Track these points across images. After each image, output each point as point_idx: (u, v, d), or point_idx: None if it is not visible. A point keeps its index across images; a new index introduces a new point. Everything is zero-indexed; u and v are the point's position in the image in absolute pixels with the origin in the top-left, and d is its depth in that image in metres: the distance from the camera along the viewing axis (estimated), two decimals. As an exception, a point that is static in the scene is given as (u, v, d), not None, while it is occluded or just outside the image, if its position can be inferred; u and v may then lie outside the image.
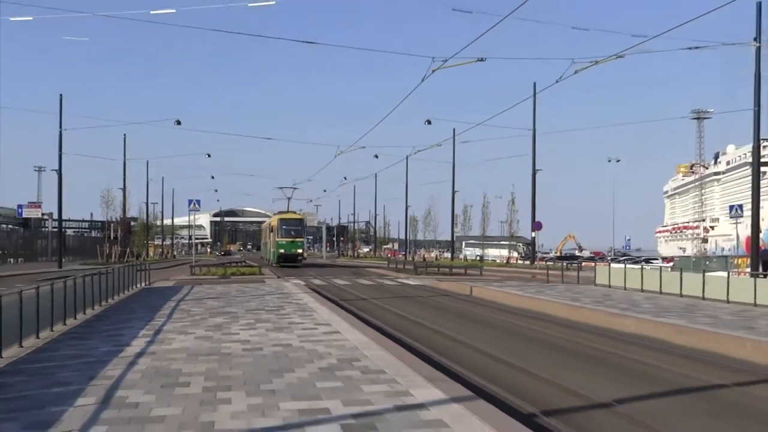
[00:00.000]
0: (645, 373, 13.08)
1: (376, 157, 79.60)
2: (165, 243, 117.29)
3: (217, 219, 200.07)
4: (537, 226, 59.64)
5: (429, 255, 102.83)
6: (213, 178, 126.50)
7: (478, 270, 51.19)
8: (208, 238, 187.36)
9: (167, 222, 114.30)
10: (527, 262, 67.33)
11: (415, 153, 68.69)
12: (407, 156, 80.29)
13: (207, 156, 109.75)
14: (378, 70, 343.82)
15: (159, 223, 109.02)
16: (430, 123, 56.31)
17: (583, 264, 51.80)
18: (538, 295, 27.45)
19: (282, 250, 59.84)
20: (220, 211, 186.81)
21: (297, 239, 61.07)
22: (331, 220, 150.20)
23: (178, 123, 55.20)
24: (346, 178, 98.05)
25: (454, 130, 66.35)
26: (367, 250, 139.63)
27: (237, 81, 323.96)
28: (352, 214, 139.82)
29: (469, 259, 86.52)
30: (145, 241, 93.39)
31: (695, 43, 27.02)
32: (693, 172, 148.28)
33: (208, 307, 21.34)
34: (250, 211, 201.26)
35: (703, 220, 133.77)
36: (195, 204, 47.36)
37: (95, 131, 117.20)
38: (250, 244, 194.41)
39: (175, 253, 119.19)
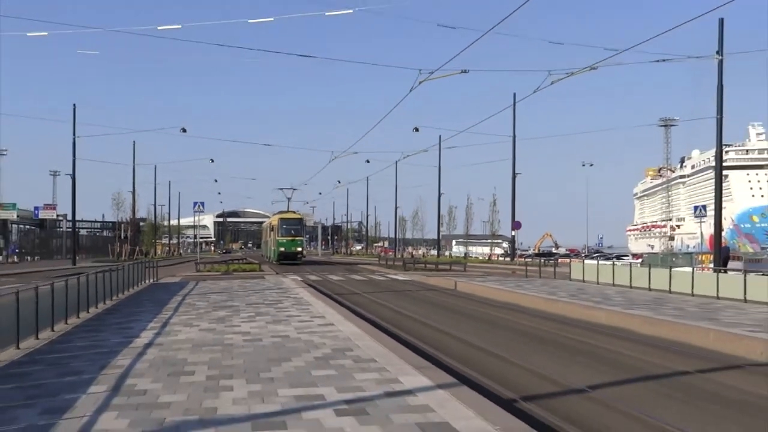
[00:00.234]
0: (616, 361, 13.13)
1: (368, 161, 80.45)
2: (172, 242, 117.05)
3: (220, 219, 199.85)
4: (516, 225, 59.80)
5: (417, 252, 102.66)
6: (216, 181, 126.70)
7: (462, 266, 51.24)
8: (211, 238, 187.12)
9: (174, 222, 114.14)
10: (508, 259, 67.36)
11: (404, 158, 69.22)
12: (397, 161, 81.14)
13: (211, 161, 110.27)
14: (369, 82, 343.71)
15: (166, 223, 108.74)
16: (417, 130, 56.37)
17: (559, 260, 51.91)
18: (518, 289, 27.48)
19: (282, 249, 58.46)
20: (223, 212, 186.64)
21: (297, 238, 59.72)
22: (326, 220, 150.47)
23: (184, 130, 55.35)
24: (340, 182, 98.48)
25: (440, 136, 66.86)
26: (360, 248, 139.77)
27: (238, 91, 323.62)
28: (346, 215, 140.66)
29: (454, 256, 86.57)
30: (153, 240, 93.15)
31: (663, 56, 27.03)
32: (661, 176, 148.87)
33: (211, 302, 21.31)
34: (250, 212, 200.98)
35: (670, 220, 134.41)
36: (199, 206, 47.26)
37: (106, 138, 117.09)
38: (251, 242, 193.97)
39: (181, 252, 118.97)
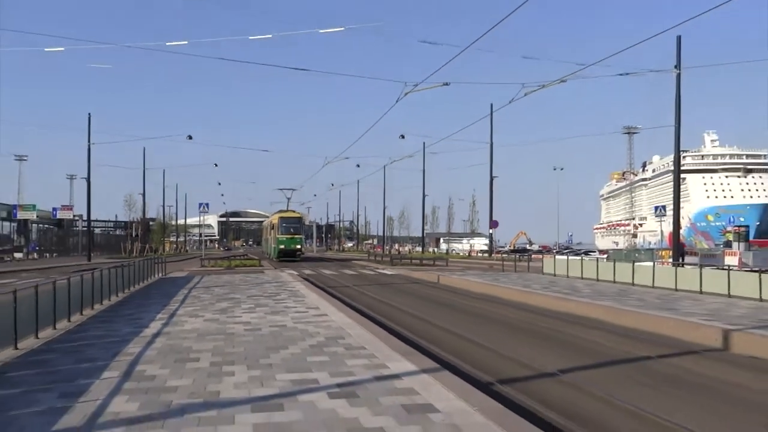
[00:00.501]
0: (584, 348, 13.18)
1: (358, 166, 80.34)
2: (179, 240, 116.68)
3: (224, 219, 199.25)
4: (494, 224, 59.90)
5: (403, 249, 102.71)
6: (220, 184, 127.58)
7: (445, 261, 51.24)
8: (215, 236, 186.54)
9: (180, 222, 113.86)
10: (486, 255, 67.42)
11: (391, 163, 69.01)
12: (384, 165, 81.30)
13: (215, 165, 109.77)
14: (359, 93, 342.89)
15: (174, 222, 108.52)
16: (403, 137, 56.74)
17: (532, 256, 52.08)
18: (495, 282, 27.53)
19: (282, 246, 55.83)
20: (226, 212, 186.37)
21: (296, 236, 56.96)
22: (320, 219, 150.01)
23: (190, 137, 55.32)
24: (333, 185, 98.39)
25: (424, 143, 66.93)
26: (351, 245, 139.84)
27: (240, 101, 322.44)
28: (338, 215, 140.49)
29: (437, 252, 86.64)
30: (162, 238, 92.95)
31: (626, 70, 27.22)
32: (624, 179, 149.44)
33: (215, 294, 21.25)
34: (251, 213, 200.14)
35: (633, 219, 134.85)
36: (204, 206, 47.28)
37: (119, 145, 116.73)
38: (252, 240, 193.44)
39: (187, 249, 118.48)
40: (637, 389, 9.44)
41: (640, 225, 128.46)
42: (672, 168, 31.62)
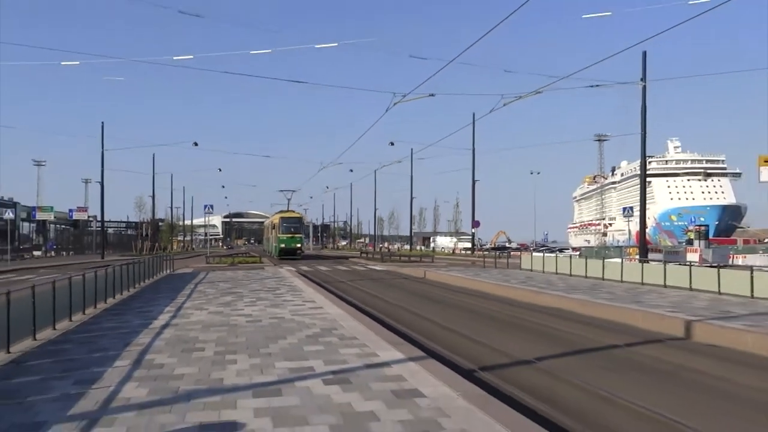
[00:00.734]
0: (559, 337, 13.21)
1: (351, 171, 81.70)
2: (186, 239, 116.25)
3: (227, 219, 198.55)
4: (476, 224, 59.85)
5: (392, 247, 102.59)
6: (223, 187, 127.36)
7: (431, 258, 51.31)
8: (219, 235, 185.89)
9: (187, 222, 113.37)
10: (469, 252, 67.40)
11: (382, 168, 69.89)
12: (375, 170, 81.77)
13: (219, 170, 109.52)
14: (352, 103, 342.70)
15: (181, 223, 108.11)
16: (393, 144, 57.23)
17: (511, 253, 52.09)
18: (477, 277, 27.56)
19: (283, 245, 53.44)
20: (229, 213, 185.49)
21: (296, 235, 54.65)
22: (316, 219, 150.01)
23: (196, 144, 55.21)
24: (327, 187, 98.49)
25: (412, 149, 67.26)
26: (345, 243, 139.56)
27: (242, 110, 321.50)
28: (333, 216, 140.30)
29: (423, 250, 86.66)
30: (170, 237, 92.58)
31: (597, 82, 27.13)
32: (595, 182, 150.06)
33: (219, 289, 21.20)
34: (252, 214, 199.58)
35: (603, 219, 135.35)
36: (209, 208, 47.04)
37: (130, 151, 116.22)
38: (253, 239, 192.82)
39: (193, 247, 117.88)
40: (607, 375, 9.47)
41: (610, 224, 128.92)
42: (639, 172, 31.71)
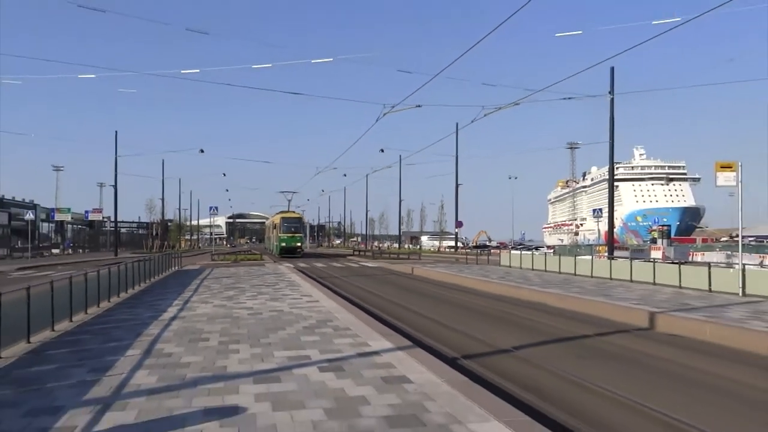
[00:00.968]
0: (534, 328, 13.24)
1: (345, 175, 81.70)
2: (192, 238, 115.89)
3: (231, 220, 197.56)
4: (459, 224, 59.97)
5: (383, 245, 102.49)
6: (227, 190, 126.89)
7: (418, 255, 51.40)
8: (224, 234, 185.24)
9: (194, 222, 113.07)
10: (453, 250, 67.49)
11: (373, 172, 69.99)
12: (367, 175, 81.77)
13: (223, 175, 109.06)
14: (346, 113, 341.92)
15: (188, 223, 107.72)
16: (383, 151, 57.34)
17: (491, 251, 52.28)
18: (460, 273, 27.60)
19: (284, 244, 51.76)
20: (233, 214, 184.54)
21: (296, 234, 52.92)
22: (313, 220, 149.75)
23: (202, 151, 56.05)
24: (323, 191, 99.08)
25: (401, 156, 67.73)
26: (339, 242, 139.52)
27: (244, 120, 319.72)
28: (328, 216, 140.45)
29: (411, 248, 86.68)
30: (178, 236, 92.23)
31: (569, 95, 27.35)
32: (568, 186, 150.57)
33: (223, 284, 21.12)
34: (254, 215, 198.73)
35: (575, 220, 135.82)
36: (214, 209, 46.86)
37: (141, 157, 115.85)
38: (255, 238, 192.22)
39: (199, 245, 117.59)
40: (578, 362, 9.50)
41: (581, 225, 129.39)
42: (607, 177, 31.88)
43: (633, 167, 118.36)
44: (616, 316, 14.26)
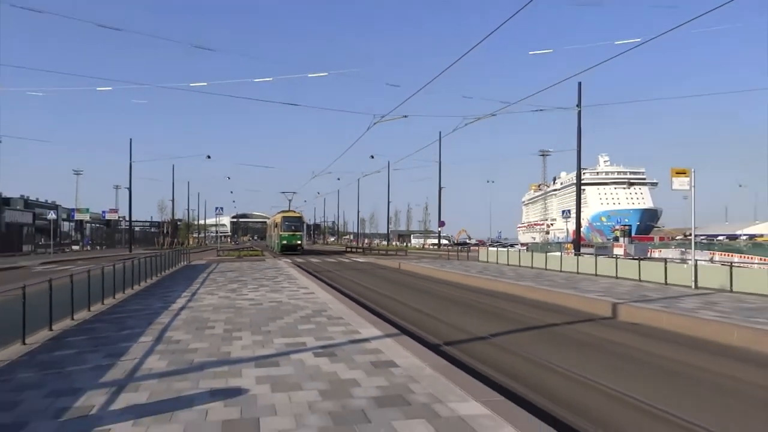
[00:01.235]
0: (509, 318, 13.29)
1: (339, 179, 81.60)
2: (200, 235, 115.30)
3: (235, 219, 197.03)
4: (441, 224, 60.01)
5: (372, 242, 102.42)
6: (231, 192, 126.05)
7: (404, 252, 51.37)
8: (228, 233, 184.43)
9: (201, 222, 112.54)
10: (436, 247, 67.56)
11: (364, 176, 69.91)
12: (358, 178, 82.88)
13: (228, 178, 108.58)
14: (339, 122, 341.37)
15: (196, 222, 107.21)
16: (373, 157, 56.93)
17: (471, 248, 52.38)
18: (442, 268, 27.65)
19: (285, 242, 49.86)
20: (237, 214, 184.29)
21: (297, 232, 50.76)
22: (309, 219, 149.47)
23: (209, 157, 55.25)
24: (318, 193, 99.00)
25: (389, 161, 67.72)
26: (333, 239, 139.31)
27: (246, 128, 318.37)
28: (323, 216, 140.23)
29: (398, 245, 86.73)
30: (186, 234, 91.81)
31: (541, 107, 27.49)
32: (540, 189, 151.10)
33: (227, 277, 21.06)
34: (256, 214, 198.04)
35: (546, 220, 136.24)
36: (219, 210, 46.60)
37: (153, 162, 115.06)
38: (256, 236, 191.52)
39: (206, 243, 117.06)
40: (547, 348, 9.55)
41: (552, 224, 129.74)
42: (575, 181, 32.01)
43: (598, 173, 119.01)
44: (583, 306, 14.34)
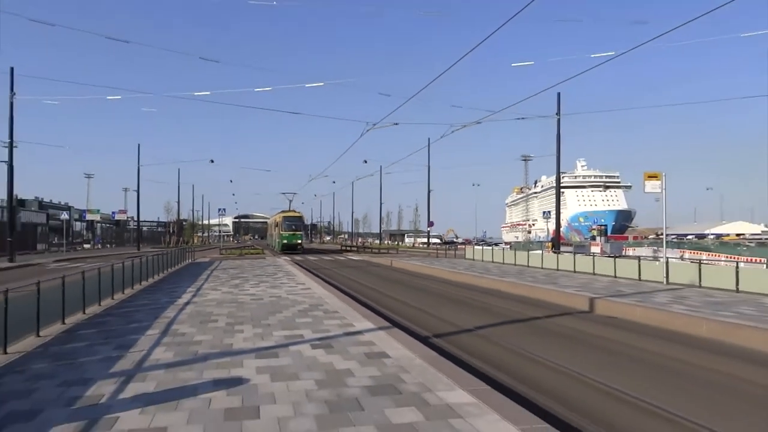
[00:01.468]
0: (493, 311, 13.31)
1: (334, 182, 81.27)
2: (204, 235, 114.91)
3: (237, 220, 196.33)
4: (430, 224, 60.03)
5: (366, 241, 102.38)
6: (234, 194, 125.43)
7: (396, 250, 51.36)
8: (230, 232, 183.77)
9: (205, 222, 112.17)
10: (425, 245, 67.55)
11: (358, 180, 69.79)
12: (353, 182, 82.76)
13: (230, 181, 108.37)
14: (334, 129, 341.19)
15: (200, 222, 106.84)
16: (366, 162, 57.31)
17: (458, 247, 52.44)
18: (432, 265, 27.66)
19: (285, 241, 47.89)
20: (238, 214, 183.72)
21: (297, 232, 48.78)
22: (306, 220, 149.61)
23: (212, 161, 55.52)
24: (315, 195, 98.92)
25: (381, 166, 67.98)
26: (329, 239, 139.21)
27: (248, 134, 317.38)
28: (320, 217, 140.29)
29: (390, 243, 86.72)
30: (191, 234, 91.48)
31: (523, 115, 27.59)
32: (522, 192, 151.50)
33: (229, 274, 20.98)
34: (257, 215, 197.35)
35: (528, 220, 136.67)
36: (222, 211, 46.76)
37: (160, 166, 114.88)
38: (257, 235, 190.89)
39: (210, 241, 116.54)
40: (529, 339, 9.58)
41: (533, 225, 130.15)
42: (555, 184, 32.14)
43: (576, 176, 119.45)
44: (562, 300, 14.39)
